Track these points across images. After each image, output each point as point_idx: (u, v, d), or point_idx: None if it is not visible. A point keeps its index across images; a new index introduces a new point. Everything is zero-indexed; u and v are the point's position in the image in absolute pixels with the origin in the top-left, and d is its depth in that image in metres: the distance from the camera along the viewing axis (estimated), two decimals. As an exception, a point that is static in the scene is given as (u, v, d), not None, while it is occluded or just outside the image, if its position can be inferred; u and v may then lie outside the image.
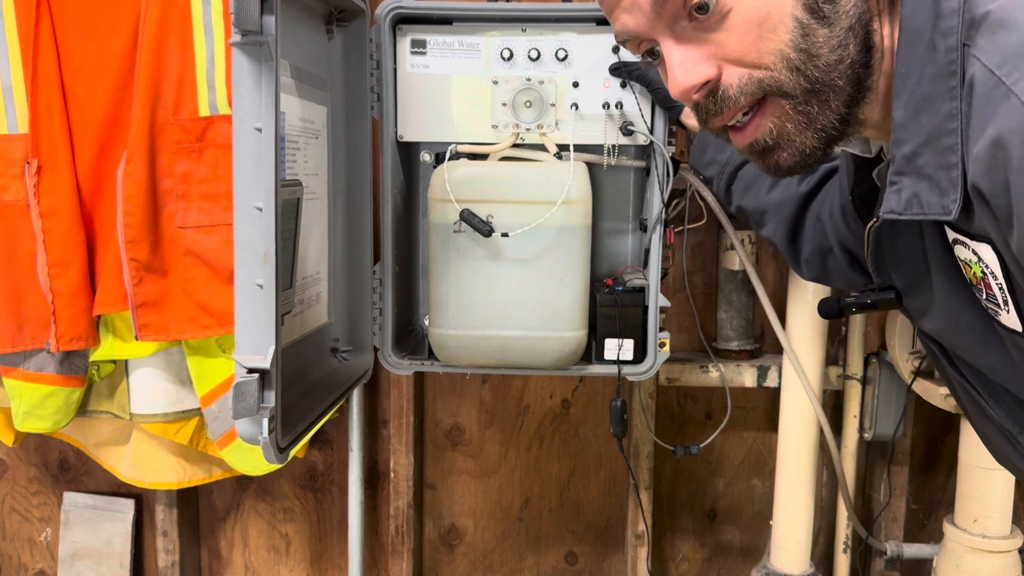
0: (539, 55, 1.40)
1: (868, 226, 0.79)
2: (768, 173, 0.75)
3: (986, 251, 0.66)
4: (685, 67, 0.70)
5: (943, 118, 0.65)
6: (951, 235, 0.70)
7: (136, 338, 1.48)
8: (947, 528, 1.58)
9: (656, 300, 1.41)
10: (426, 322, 1.48)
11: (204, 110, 1.45)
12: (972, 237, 0.67)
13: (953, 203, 0.64)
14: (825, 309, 0.99)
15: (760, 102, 0.70)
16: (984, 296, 0.69)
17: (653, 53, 0.75)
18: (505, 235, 1.33)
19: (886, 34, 0.70)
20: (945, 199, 0.65)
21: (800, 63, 0.67)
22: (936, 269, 0.74)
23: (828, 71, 0.68)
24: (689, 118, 1.19)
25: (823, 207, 1.05)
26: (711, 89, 0.70)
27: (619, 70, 1.32)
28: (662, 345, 1.43)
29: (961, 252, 0.70)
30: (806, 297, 1.61)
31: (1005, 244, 0.62)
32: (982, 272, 0.68)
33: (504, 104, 1.41)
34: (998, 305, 0.68)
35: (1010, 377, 0.74)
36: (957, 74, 0.64)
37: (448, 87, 1.42)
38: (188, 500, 1.93)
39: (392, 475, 1.83)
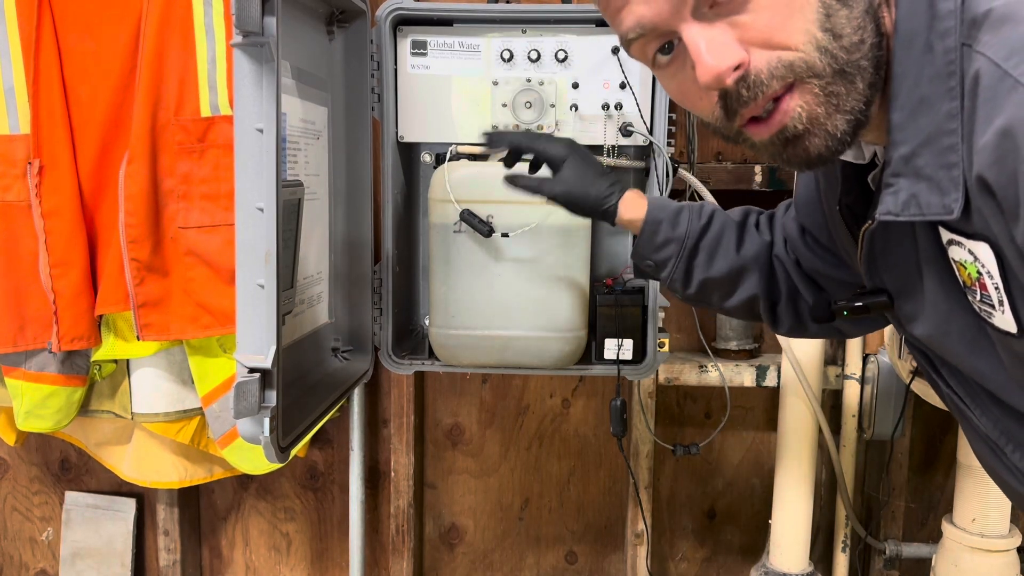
0: (539, 56, 1.40)
1: (862, 229, 0.78)
2: (793, 165, 0.72)
3: (983, 250, 0.66)
4: (715, 50, 0.66)
5: (943, 118, 0.65)
6: (945, 236, 0.69)
7: (137, 338, 1.48)
8: (946, 527, 1.58)
9: (656, 300, 1.42)
10: (426, 322, 1.48)
11: (205, 111, 1.45)
12: (969, 236, 0.67)
13: (955, 202, 0.64)
14: (816, 312, 0.97)
15: (788, 88, 0.67)
16: (978, 298, 0.69)
17: (664, 50, 0.71)
18: (505, 235, 1.34)
19: (889, 26, 0.70)
20: (946, 198, 0.65)
21: (827, 43, 0.65)
22: (928, 273, 0.74)
23: (852, 51, 0.66)
24: (628, 212, 1.07)
25: (777, 246, 1.05)
26: (742, 75, 0.66)
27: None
28: (661, 345, 1.43)
29: (956, 253, 0.69)
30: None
31: (1008, 238, 0.62)
32: (977, 272, 0.67)
33: (504, 105, 1.41)
34: (992, 306, 0.68)
35: (1000, 384, 0.73)
36: (956, 74, 0.64)
37: (448, 88, 1.43)
38: (189, 499, 1.93)
39: (392, 474, 1.84)
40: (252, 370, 1.02)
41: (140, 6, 1.45)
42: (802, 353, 1.62)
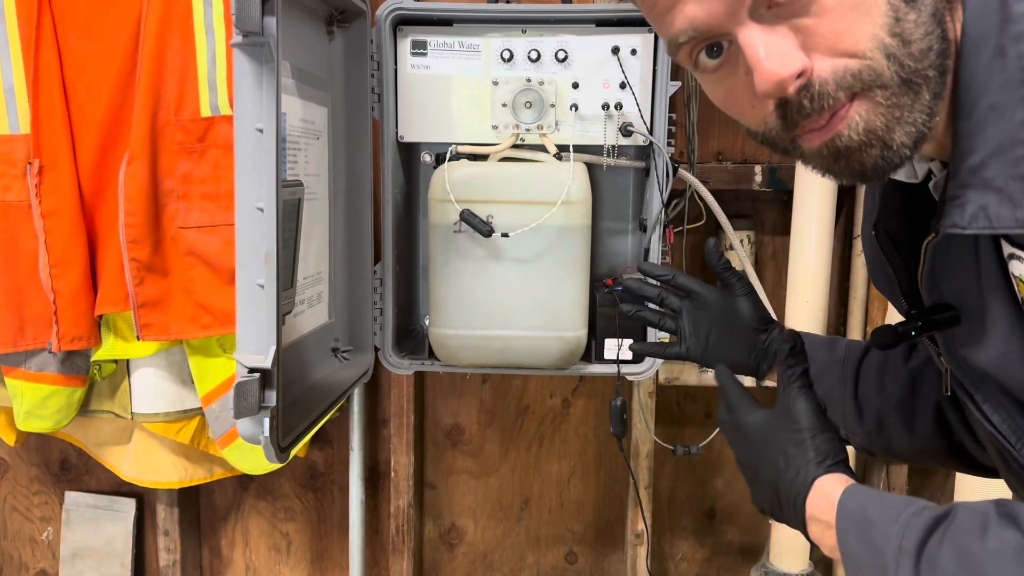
0: (539, 56, 1.40)
1: (925, 243, 0.73)
2: (844, 179, 0.67)
3: None
4: (776, 56, 0.60)
5: (1016, 127, 0.60)
6: (1007, 250, 0.65)
7: (137, 338, 1.48)
8: (946, 527, 1.58)
9: (656, 300, 1.41)
10: (426, 322, 1.48)
11: (205, 111, 1.45)
12: None
13: None
14: (882, 340, 0.82)
15: (851, 97, 0.63)
16: None
17: (711, 53, 0.66)
18: (505, 235, 1.34)
19: (955, 30, 0.65)
20: (1019, 211, 0.60)
21: (895, 49, 0.61)
22: (990, 290, 0.68)
23: (920, 59, 0.62)
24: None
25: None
26: (804, 83, 0.61)
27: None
28: (662, 345, 1.43)
29: (1017, 268, 0.64)
30: (805, 297, 1.61)
31: None
32: None
33: (504, 105, 1.41)
34: None
35: None
36: None
37: (448, 88, 1.43)
38: (189, 499, 1.93)
39: (392, 474, 1.84)
40: (252, 370, 1.02)
41: (140, 6, 1.45)
42: (802, 353, 1.61)
